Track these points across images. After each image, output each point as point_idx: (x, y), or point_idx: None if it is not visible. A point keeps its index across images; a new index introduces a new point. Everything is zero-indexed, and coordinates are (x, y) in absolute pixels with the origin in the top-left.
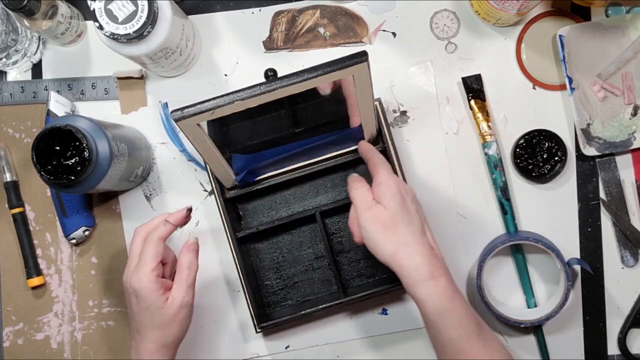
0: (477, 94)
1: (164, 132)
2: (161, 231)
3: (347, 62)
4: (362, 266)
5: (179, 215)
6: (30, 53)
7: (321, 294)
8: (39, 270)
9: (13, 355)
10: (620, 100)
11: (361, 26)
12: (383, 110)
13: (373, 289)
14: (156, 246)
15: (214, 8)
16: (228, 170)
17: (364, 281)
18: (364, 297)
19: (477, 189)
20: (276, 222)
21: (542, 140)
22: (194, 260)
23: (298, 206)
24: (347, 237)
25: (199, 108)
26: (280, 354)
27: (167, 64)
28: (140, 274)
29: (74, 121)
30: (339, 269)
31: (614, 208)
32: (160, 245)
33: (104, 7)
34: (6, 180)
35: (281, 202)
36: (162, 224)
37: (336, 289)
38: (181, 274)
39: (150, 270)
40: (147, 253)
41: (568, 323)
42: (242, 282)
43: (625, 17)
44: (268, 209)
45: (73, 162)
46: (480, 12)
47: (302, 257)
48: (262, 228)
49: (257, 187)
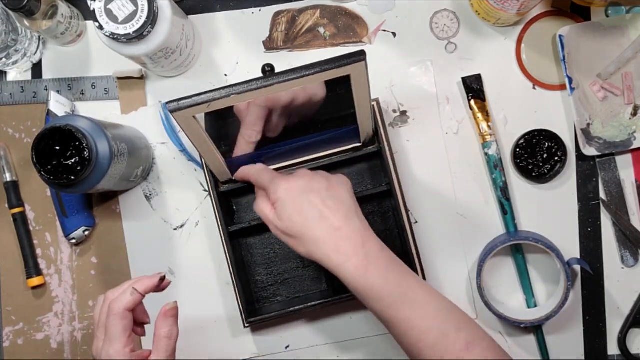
0: (477, 94)
1: (164, 132)
2: (127, 301)
3: (344, 60)
4: None
5: (150, 282)
6: (30, 53)
7: (311, 292)
8: (39, 270)
9: (13, 355)
10: (620, 100)
11: (361, 26)
12: (380, 111)
13: None
14: (123, 318)
15: (214, 8)
16: (223, 164)
17: None
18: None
19: (477, 189)
20: None
21: (542, 140)
22: (173, 328)
23: None
24: None
25: (195, 100)
26: (280, 354)
27: (167, 64)
28: (111, 352)
29: (74, 121)
30: None
31: (614, 208)
32: (127, 317)
33: (104, 7)
34: (6, 180)
35: None
36: (129, 292)
37: (326, 287)
38: (160, 344)
39: (122, 347)
40: (114, 327)
41: (568, 323)
42: (232, 276)
43: (625, 17)
44: None
45: (73, 162)
46: (480, 12)
47: (293, 254)
48: (254, 223)
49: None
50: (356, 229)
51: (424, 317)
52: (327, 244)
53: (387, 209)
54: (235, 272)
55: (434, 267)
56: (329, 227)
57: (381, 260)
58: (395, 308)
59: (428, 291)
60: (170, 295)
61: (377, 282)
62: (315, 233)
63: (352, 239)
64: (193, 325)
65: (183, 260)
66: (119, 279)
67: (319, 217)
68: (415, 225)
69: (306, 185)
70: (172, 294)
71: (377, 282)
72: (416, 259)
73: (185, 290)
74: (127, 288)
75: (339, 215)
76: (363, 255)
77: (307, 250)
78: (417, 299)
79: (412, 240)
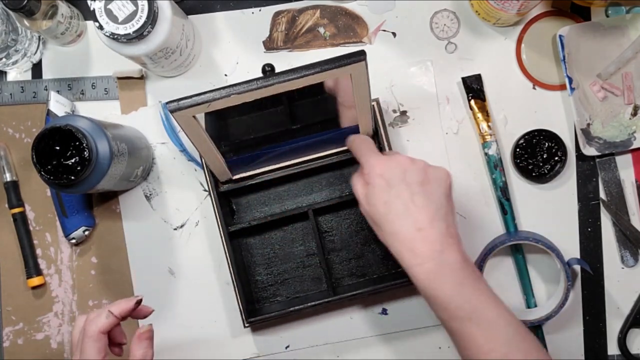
0: (477, 94)
1: (164, 132)
2: (102, 324)
3: (344, 60)
4: (353, 265)
5: (126, 305)
6: (30, 53)
7: (311, 292)
8: (39, 270)
9: (13, 355)
10: (620, 100)
11: (361, 26)
12: (380, 111)
13: (363, 289)
14: (97, 341)
15: (214, 8)
16: (223, 164)
17: (354, 280)
18: (353, 297)
19: (477, 189)
20: (269, 218)
21: (542, 140)
22: (148, 350)
23: (291, 203)
24: (339, 236)
25: (195, 100)
26: (280, 354)
27: (167, 64)
28: None
29: (74, 121)
30: (329, 267)
31: (614, 208)
32: (101, 340)
33: (104, 7)
34: (6, 180)
35: (275, 198)
36: (104, 315)
37: (326, 287)
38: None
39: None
40: (89, 349)
41: (568, 323)
42: (232, 276)
43: (625, 17)
44: (261, 204)
45: (73, 162)
46: (480, 12)
47: (294, 254)
48: (254, 223)
49: (251, 182)
50: (439, 233)
51: (489, 339)
52: (403, 242)
53: None
54: (235, 272)
55: None
56: (411, 225)
57: (457, 272)
58: (459, 322)
59: (500, 313)
60: (171, 296)
61: (445, 294)
62: (395, 228)
63: (431, 243)
64: (193, 325)
65: (183, 260)
66: (119, 279)
67: (403, 212)
68: None
69: (399, 175)
70: (172, 294)
71: (446, 293)
72: None
73: (185, 290)
74: (103, 310)
75: (425, 215)
76: (438, 262)
77: (384, 241)
78: (485, 319)
79: None
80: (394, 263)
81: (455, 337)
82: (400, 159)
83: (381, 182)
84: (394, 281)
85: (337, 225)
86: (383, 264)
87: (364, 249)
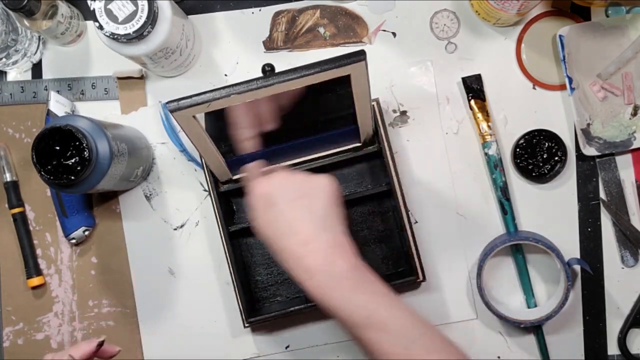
0: (477, 94)
1: (164, 132)
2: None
3: (344, 60)
4: None
5: (87, 347)
6: (30, 53)
7: None
8: (39, 270)
9: (13, 355)
10: (620, 100)
11: (361, 26)
12: (380, 111)
13: None
14: None
15: (214, 8)
16: (223, 164)
17: None
18: None
19: (477, 189)
20: None
21: (542, 140)
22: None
23: None
24: None
25: (195, 100)
26: (280, 354)
27: (167, 64)
28: None
29: (74, 121)
30: None
31: (614, 208)
32: None
33: (104, 7)
34: (6, 180)
35: None
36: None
37: None
38: None
39: None
40: None
41: (568, 323)
42: (232, 276)
43: (625, 17)
44: None
45: (73, 162)
46: (480, 12)
47: None
48: None
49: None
50: (326, 245)
51: (388, 342)
52: (292, 259)
53: (387, 209)
54: (235, 272)
55: (434, 267)
56: (297, 241)
57: (348, 281)
58: (359, 330)
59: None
60: (171, 296)
61: (339, 304)
62: (282, 245)
63: (318, 256)
64: (193, 325)
65: (183, 260)
66: (119, 279)
67: (287, 229)
68: (415, 225)
69: (278, 192)
70: (172, 294)
71: (340, 303)
72: (416, 259)
73: (185, 290)
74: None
75: (308, 228)
76: (327, 274)
77: (277, 260)
78: (382, 322)
79: (412, 240)
80: (394, 263)
81: (360, 345)
82: (276, 177)
83: (261, 202)
84: (394, 281)
85: None
86: (383, 264)
87: (364, 249)
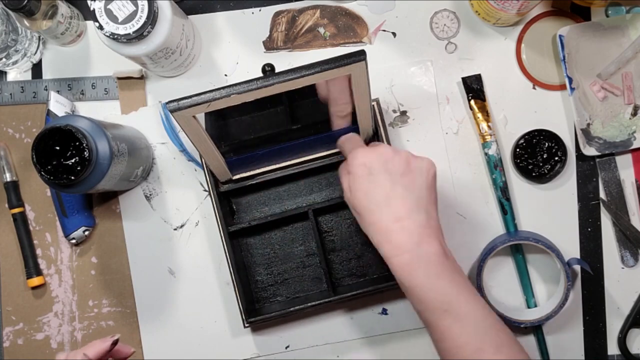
0: (477, 94)
1: (164, 132)
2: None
3: (344, 60)
4: (353, 265)
5: (102, 346)
6: (30, 53)
7: (311, 292)
8: (39, 270)
9: (13, 355)
10: (620, 100)
11: (361, 26)
12: (380, 111)
13: (363, 289)
14: None
15: (214, 8)
16: (223, 164)
17: (354, 280)
18: (353, 297)
19: (477, 189)
20: (269, 218)
21: (542, 140)
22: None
23: (291, 203)
24: (339, 236)
25: (195, 100)
26: (280, 354)
27: (167, 64)
28: None
29: (74, 121)
30: (329, 267)
31: (614, 208)
32: None
33: (104, 7)
34: (6, 180)
35: (275, 198)
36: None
37: (326, 287)
38: None
39: None
40: None
41: (568, 323)
42: (232, 276)
43: (625, 17)
44: (261, 204)
45: (73, 162)
46: (480, 12)
47: (294, 254)
48: (254, 223)
49: (251, 182)
50: (418, 225)
51: (463, 332)
52: (382, 232)
53: None
54: (235, 272)
55: None
56: (390, 215)
57: (434, 264)
58: (434, 314)
59: (475, 307)
60: (171, 296)
61: (421, 286)
62: (375, 218)
63: (409, 234)
64: (193, 325)
65: (183, 260)
66: (119, 279)
67: (383, 202)
68: None
69: (381, 165)
70: (172, 294)
71: (422, 285)
72: None
73: (185, 291)
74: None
75: (404, 206)
76: (415, 254)
77: (366, 231)
78: (460, 312)
79: None
80: None
81: (431, 329)
82: (382, 150)
83: (363, 171)
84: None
85: (337, 225)
86: (383, 264)
87: (364, 249)
